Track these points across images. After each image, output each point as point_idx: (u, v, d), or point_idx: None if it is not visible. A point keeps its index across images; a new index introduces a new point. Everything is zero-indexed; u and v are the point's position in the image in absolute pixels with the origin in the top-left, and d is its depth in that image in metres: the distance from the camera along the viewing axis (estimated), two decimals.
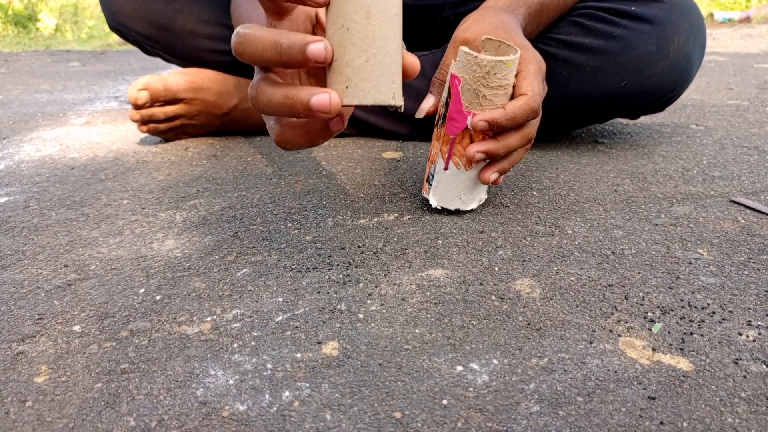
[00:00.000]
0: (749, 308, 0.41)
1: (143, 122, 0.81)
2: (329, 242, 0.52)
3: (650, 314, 0.41)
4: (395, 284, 0.45)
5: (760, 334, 0.38)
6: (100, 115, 1.07)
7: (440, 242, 0.52)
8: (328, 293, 0.44)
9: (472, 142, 0.51)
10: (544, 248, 0.51)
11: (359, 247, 0.51)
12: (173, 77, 0.80)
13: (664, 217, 0.57)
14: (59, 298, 0.44)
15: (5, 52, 2.15)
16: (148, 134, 0.85)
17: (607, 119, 0.77)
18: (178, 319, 0.41)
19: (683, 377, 0.35)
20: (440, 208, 0.57)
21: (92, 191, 0.66)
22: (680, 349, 0.37)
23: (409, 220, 0.57)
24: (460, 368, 0.36)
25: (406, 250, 0.51)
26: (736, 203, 0.60)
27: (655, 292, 0.44)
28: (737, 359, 0.36)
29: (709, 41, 2.28)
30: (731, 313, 0.41)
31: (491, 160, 0.53)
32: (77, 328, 0.40)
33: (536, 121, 0.54)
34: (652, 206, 0.59)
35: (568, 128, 0.82)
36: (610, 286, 0.45)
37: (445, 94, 0.52)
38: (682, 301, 0.42)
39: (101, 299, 0.44)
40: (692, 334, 0.39)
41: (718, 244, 0.51)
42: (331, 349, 0.38)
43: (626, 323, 0.40)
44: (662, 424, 0.31)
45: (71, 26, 3.40)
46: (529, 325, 0.40)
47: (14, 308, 0.43)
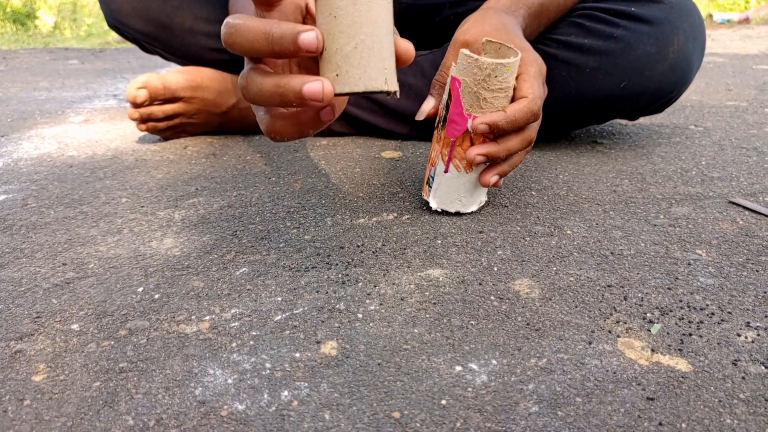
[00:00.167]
0: (748, 309, 0.41)
1: (142, 120, 0.81)
2: (328, 242, 0.52)
3: (649, 315, 0.41)
4: (394, 284, 0.45)
5: (758, 335, 0.39)
6: (98, 113, 1.06)
7: (439, 242, 0.52)
8: (327, 293, 0.44)
9: (472, 144, 0.51)
10: (543, 248, 0.51)
11: (358, 246, 0.51)
12: (172, 75, 0.80)
13: (663, 217, 0.57)
14: (57, 296, 0.44)
15: (3, 49, 2.15)
16: (146, 132, 0.85)
17: (606, 120, 0.78)
18: (176, 318, 0.41)
19: (682, 378, 0.35)
20: (440, 210, 0.57)
21: (91, 189, 0.66)
22: (679, 349, 0.37)
23: (408, 219, 0.56)
24: (459, 368, 0.36)
25: (405, 249, 0.51)
26: (734, 204, 0.60)
27: (654, 292, 0.44)
28: (736, 360, 0.36)
29: (708, 42, 2.28)
30: (730, 314, 0.41)
31: (491, 162, 0.53)
32: (75, 326, 0.40)
33: (537, 123, 0.54)
34: (651, 207, 0.59)
35: (567, 129, 0.82)
36: (609, 286, 0.45)
37: (445, 96, 0.52)
38: (681, 301, 0.43)
39: (100, 298, 0.44)
40: (691, 335, 0.39)
41: (716, 245, 0.51)
42: (329, 348, 0.38)
43: (625, 324, 0.40)
44: (661, 425, 0.31)
45: (70, 24, 3.39)
46: (528, 325, 0.40)
47: (12, 306, 0.43)
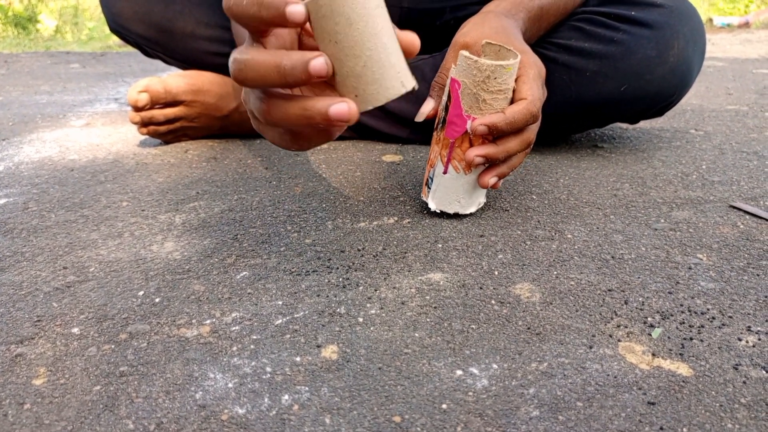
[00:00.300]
0: (749, 313, 0.41)
1: (143, 124, 0.81)
2: (329, 245, 0.52)
3: (650, 319, 0.41)
4: (395, 288, 0.45)
5: (759, 339, 0.38)
6: (99, 116, 1.07)
7: (440, 246, 0.52)
8: (327, 296, 0.44)
9: (471, 146, 0.52)
10: (543, 252, 0.51)
11: (359, 250, 0.51)
12: (173, 79, 0.80)
13: (663, 221, 0.57)
14: (58, 300, 0.44)
15: (5, 53, 2.15)
16: (147, 136, 0.85)
17: (606, 124, 0.78)
18: (177, 321, 0.41)
19: (683, 382, 0.35)
20: (439, 211, 0.57)
21: (92, 193, 0.66)
22: (680, 354, 0.37)
23: (408, 223, 0.56)
24: (459, 372, 0.36)
25: (405, 253, 0.51)
26: (735, 208, 0.60)
27: (654, 297, 0.44)
28: (737, 365, 0.36)
29: (708, 46, 2.28)
30: (731, 318, 0.41)
31: (490, 164, 0.53)
32: (76, 330, 0.40)
33: (536, 125, 0.54)
34: (651, 211, 0.59)
35: (567, 132, 0.82)
36: (609, 290, 0.45)
37: (444, 98, 0.52)
38: (681, 306, 0.42)
39: (100, 301, 0.44)
40: (692, 339, 0.39)
41: (717, 249, 0.51)
42: (330, 352, 0.38)
43: (626, 328, 0.40)
44: (662, 429, 0.31)
45: (71, 28, 3.40)
46: (528, 329, 0.40)
47: (13, 310, 0.43)
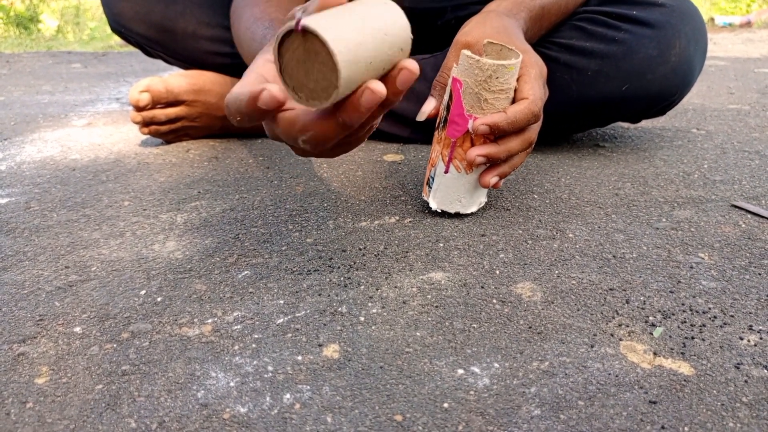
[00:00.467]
0: (750, 313, 0.41)
1: (144, 124, 0.81)
2: (330, 245, 0.52)
3: (651, 318, 0.41)
4: (396, 287, 0.45)
5: (761, 338, 0.38)
6: (101, 116, 1.07)
7: (441, 245, 0.52)
8: (329, 296, 0.44)
9: (473, 145, 0.52)
10: (545, 252, 0.51)
11: (360, 249, 0.51)
12: (175, 79, 0.80)
13: (665, 221, 0.57)
14: (60, 299, 0.44)
15: (7, 53, 2.15)
16: (149, 136, 0.85)
17: (608, 123, 0.78)
18: (179, 320, 0.41)
19: (684, 381, 0.35)
20: (440, 211, 0.57)
21: (93, 192, 0.66)
22: (681, 353, 0.37)
23: (410, 222, 0.57)
24: (461, 371, 0.36)
25: (407, 253, 0.51)
26: (737, 207, 0.60)
27: (656, 296, 0.44)
28: (738, 364, 0.36)
29: (710, 46, 2.28)
30: (732, 317, 0.41)
31: (492, 163, 0.53)
32: (78, 329, 0.40)
33: (537, 125, 0.54)
34: (653, 210, 0.59)
35: (569, 132, 0.82)
36: (611, 289, 0.45)
37: (446, 97, 0.52)
38: (683, 305, 0.42)
39: (102, 300, 0.44)
40: (693, 338, 0.39)
41: (719, 248, 0.51)
42: (332, 351, 0.38)
43: (627, 327, 0.40)
44: (663, 428, 0.31)
45: (73, 28, 3.41)
46: (530, 328, 0.40)
47: (15, 309, 0.43)
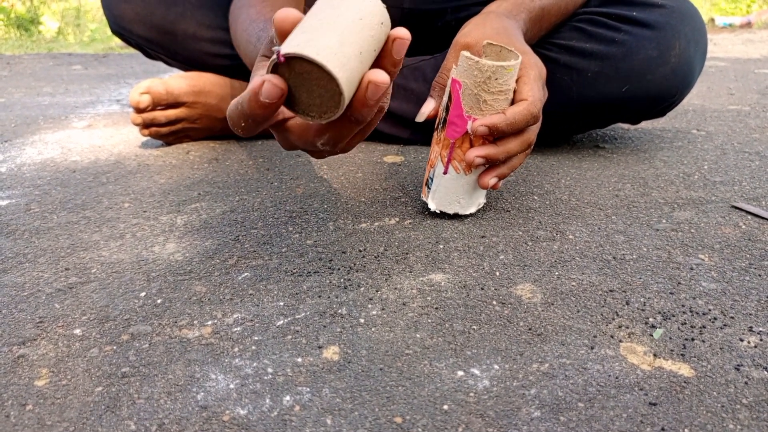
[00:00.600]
0: (750, 314, 0.41)
1: (145, 126, 0.81)
2: (330, 246, 0.52)
3: (651, 320, 0.41)
4: (396, 289, 0.45)
5: (761, 340, 0.38)
6: (101, 118, 1.07)
7: (441, 247, 0.52)
8: (329, 297, 0.44)
9: (472, 146, 0.52)
10: (545, 253, 0.51)
11: (360, 251, 0.51)
12: (175, 81, 0.80)
13: (665, 222, 0.57)
14: (60, 301, 0.44)
15: (7, 55, 2.16)
16: (149, 138, 0.85)
17: (608, 124, 0.78)
18: (179, 322, 0.41)
19: (684, 383, 0.34)
20: (439, 211, 0.57)
21: (94, 194, 0.66)
22: (681, 354, 0.37)
23: (410, 224, 0.57)
24: (461, 373, 0.36)
25: (407, 254, 0.51)
26: (737, 209, 0.60)
27: (656, 297, 0.44)
28: (739, 365, 0.36)
29: (710, 46, 2.28)
30: (732, 318, 0.41)
31: (491, 164, 0.53)
32: (78, 331, 0.40)
33: (536, 126, 0.54)
34: (653, 211, 0.59)
35: (569, 133, 0.82)
36: (611, 291, 0.45)
37: (445, 98, 0.53)
38: (683, 306, 0.42)
39: (102, 303, 0.44)
40: (693, 339, 0.39)
41: (719, 249, 0.51)
42: (331, 353, 0.38)
43: (627, 329, 0.40)
44: (663, 430, 0.31)
45: (73, 29, 3.41)
46: (530, 330, 0.40)
47: (15, 311, 0.43)
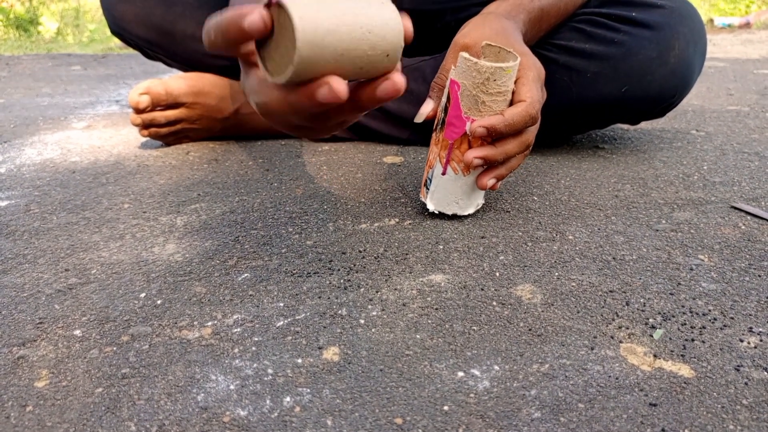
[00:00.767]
0: (750, 315, 0.41)
1: (144, 126, 0.81)
2: (330, 247, 0.52)
3: (651, 320, 0.41)
4: (396, 289, 0.45)
5: (761, 340, 0.38)
6: (101, 118, 1.07)
7: (441, 247, 0.52)
8: (329, 298, 0.44)
9: (470, 147, 0.52)
10: (545, 254, 0.51)
11: (360, 252, 0.51)
12: (174, 81, 0.80)
13: (665, 222, 0.57)
14: (60, 302, 0.44)
15: (6, 55, 2.16)
16: (149, 138, 0.85)
17: (607, 125, 0.78)
18: (179, 323, 0.41)
19: (684, 384, 0.35)
20: (437, 212, 0.57)
21: (93, 195, 0.66)
22: (681, 355, 0.37)
23: (410, 224, 0.57)
24: (461, 374, 0.36)
25: (407, 255, 0.51)
26: (736, 209, 0.60)
27: (656, 298, 0.44)
28: (739, 366, 0.36)
29: (709, 47, 2.28)
30: (732, 319, 0.41)
31: (489, 165, 0.53)
32: (78, 332, 0.40)
33: (535, 127, 0.54)
34: (653, 212, 0.59)
35: (568, 133, 0.82)
36: (611, 292, 0.45)
37: (444, 99, 0.53)
38: (683, 307, 0.42)
39: (102, 303, 0.44)
40: (693, 340, 0.39)
41: (719, 250, 0.51)
42: (332, 354, 0.38)
43: (627, 329, 0.40)
44: (664, 431, 0.31)
45: (72, 30, 3.41)
46: (530, 330, 0.40)
47: (15, 312, 0.43)
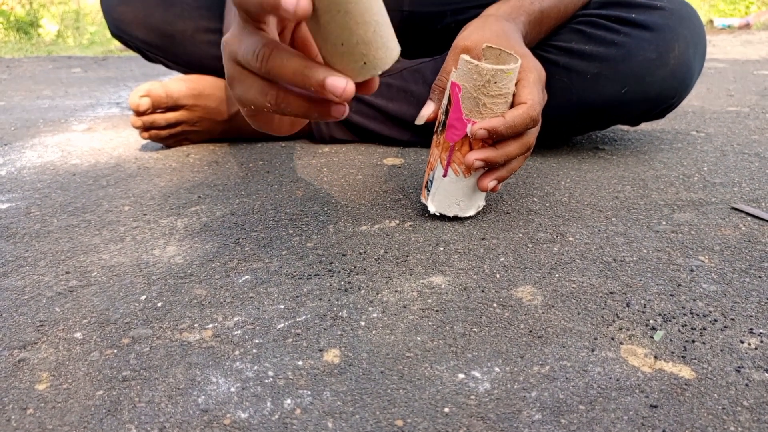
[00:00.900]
0: (751, 316, 0.41)
1: (145, 128, 0.81)
2: (330, 249, 0.52)
3: (652, 322, 0.41)
4: (397, 291, 0.45)
5: (762, 341, 0.38)
6: (101, 121, 1.07)
7: (441, 249, 0.52)
8: (329, 300, 0.44)
9: (471, 149, 0.52)
10: (545, 255, 0.51)
11: (360, 253, 0.51)
12: (175, 84, 0.80)
13: (665, 224, 0.57)
14: (60, 304, 0.44)
15: (7, 58, 2.16)
16: (149, 140, 0.85)
17: (607, 126, 0.78)
18: (179, 326, 0.41)
19: (685, 385, 0.35)
20: (438, 214, 0.57)
21: (94, 197, 0.66)
22: (682, 356, 0.37)
23: (410, 226, 0.57)
24: (461, 376, 0.36)
25: (407, 257, 0.51)
26: (737, 210, 0.60)
27: (656, 299, 0.44)
28: (739, 367, 0.36)
29: (709, 48, 2.28)
30: (733, 320, 0.41)
31: (490, 167, 0.53)
32: (78, 335, 0.40)
33: (535, 129, 0.54)
34: (653, 213, 0.59)
35: (568, 135, 0.82)
36: (611, 293, 0.45)
37: (445, 101, 0.53)
38: (683, 308, 0.42)
39: (102, 306, 0.44)
40: (694, 341, 0.39)
41: (719, 251, 0.51)
42: (332, 356, 0.38)
43: (628, 331, 0.40)
44: None
45: (73, 32, 3.41)
46: (530, 332, 0.40)
47: (15, 315, 0.43)
